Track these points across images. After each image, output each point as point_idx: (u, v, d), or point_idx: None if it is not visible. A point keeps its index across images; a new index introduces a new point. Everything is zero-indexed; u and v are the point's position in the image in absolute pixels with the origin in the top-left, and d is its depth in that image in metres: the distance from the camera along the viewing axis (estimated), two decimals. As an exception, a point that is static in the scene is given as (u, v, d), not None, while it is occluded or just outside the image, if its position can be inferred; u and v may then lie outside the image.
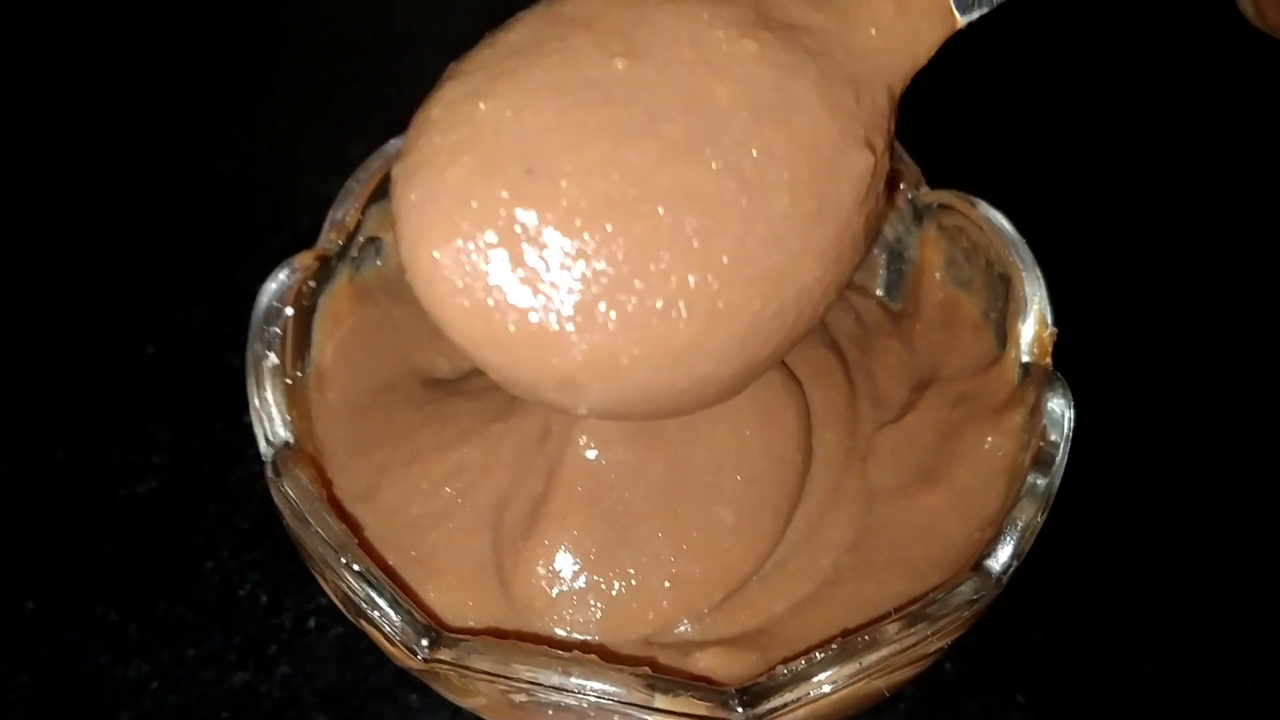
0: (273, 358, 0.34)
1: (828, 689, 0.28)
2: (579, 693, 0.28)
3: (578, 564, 0.32)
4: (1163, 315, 0.53)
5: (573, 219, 0.25)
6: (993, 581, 0.30)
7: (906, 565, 0.33)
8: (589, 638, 0.32)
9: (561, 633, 0.32)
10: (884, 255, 0.42)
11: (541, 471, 0.34)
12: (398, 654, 0.30)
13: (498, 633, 0.32)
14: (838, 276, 0.29)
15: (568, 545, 0.32)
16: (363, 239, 0.39)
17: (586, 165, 0.26)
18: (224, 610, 0.42)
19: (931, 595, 0.30)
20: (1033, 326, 0.35)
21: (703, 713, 0.28)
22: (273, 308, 0.34)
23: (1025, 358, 0.35)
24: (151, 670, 0.40)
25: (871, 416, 0.37)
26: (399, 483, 0.35)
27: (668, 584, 0.32)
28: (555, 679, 0.28)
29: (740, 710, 0.28)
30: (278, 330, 0.34)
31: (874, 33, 0.29)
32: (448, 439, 0.35)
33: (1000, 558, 0.30)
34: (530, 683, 0.28)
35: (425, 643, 0.29)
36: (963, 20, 0.30)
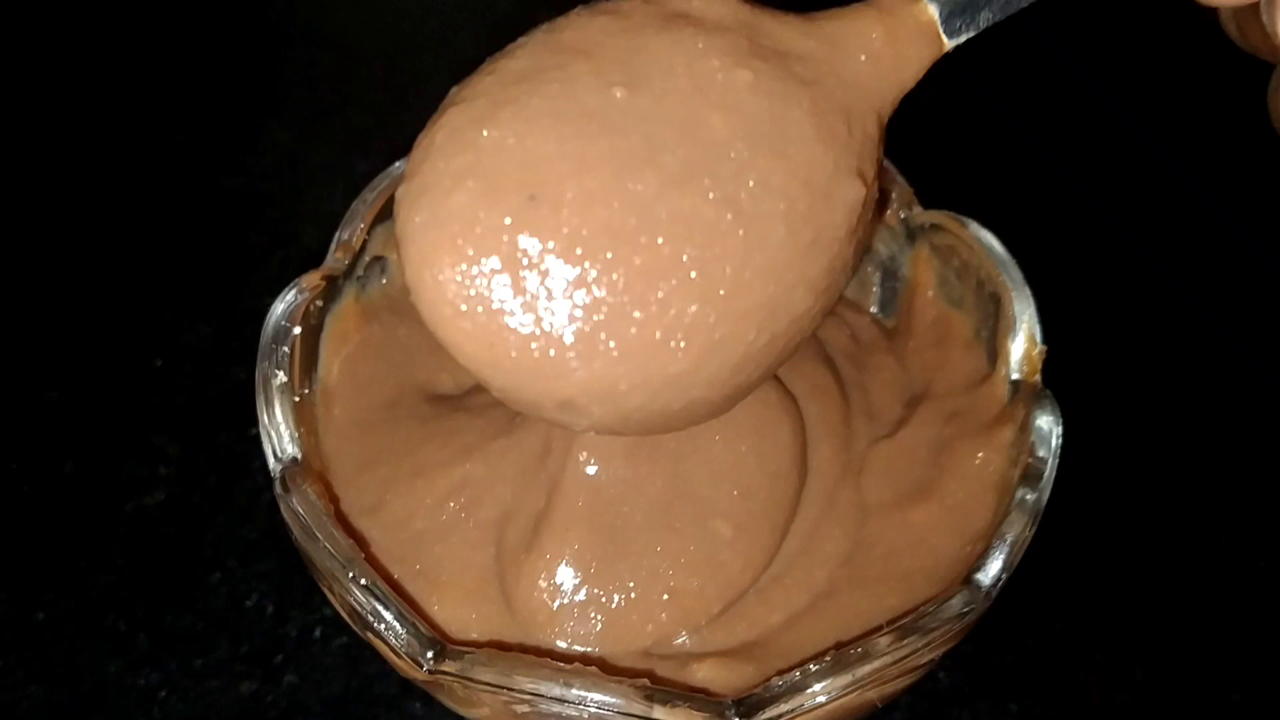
0: (281, 376, 0.34)
1: (822, 699, 0.29)
2: (580, 704, 0.28)
3: (578, 577, 0.33)
4: (1150, 333, 0.53)
5: (574, 247, 0.25)
6: (982, 595, 0.30)
7: (899, 578, 0.34)
8: (589, 649, 0.32)
9: (563, 644, 0.33)
10: (878, 273, 0.43)
11: (543, 487, 0.34)
12: (403, 665, 0.30)
13: (500, 645, 0.32)
14: (826, 304, 0.29)
15: (569, 559, 0.33)
16: (368, 258, 0.39)
17: (588, 194, 0.26)
18: (231, 620, 0.42)
19: (923, 608, 0.30)
20: (1022, 344, 0.36)
21: (700, 723, 0.28)
22: (281, 327, 0.34)
23: (1015, 375, 0.36)
24: (160, 679, 0.41)
25: (866, 432, 0.38)
26: (404, 497, 0.35)
27: (666, 597, 0.33)
28: (556, 690, 0.28)
29: (736, 720, 0.28)
30: (286, 349, 0.34)
31: (864, 59, 0.29)
32: (451, 455, 0.35)
33: (990, 571, 0.31)
34: (532, 694, 0.28)
35: (430, 655, 0.29)
36: (950, 44, 0.30)
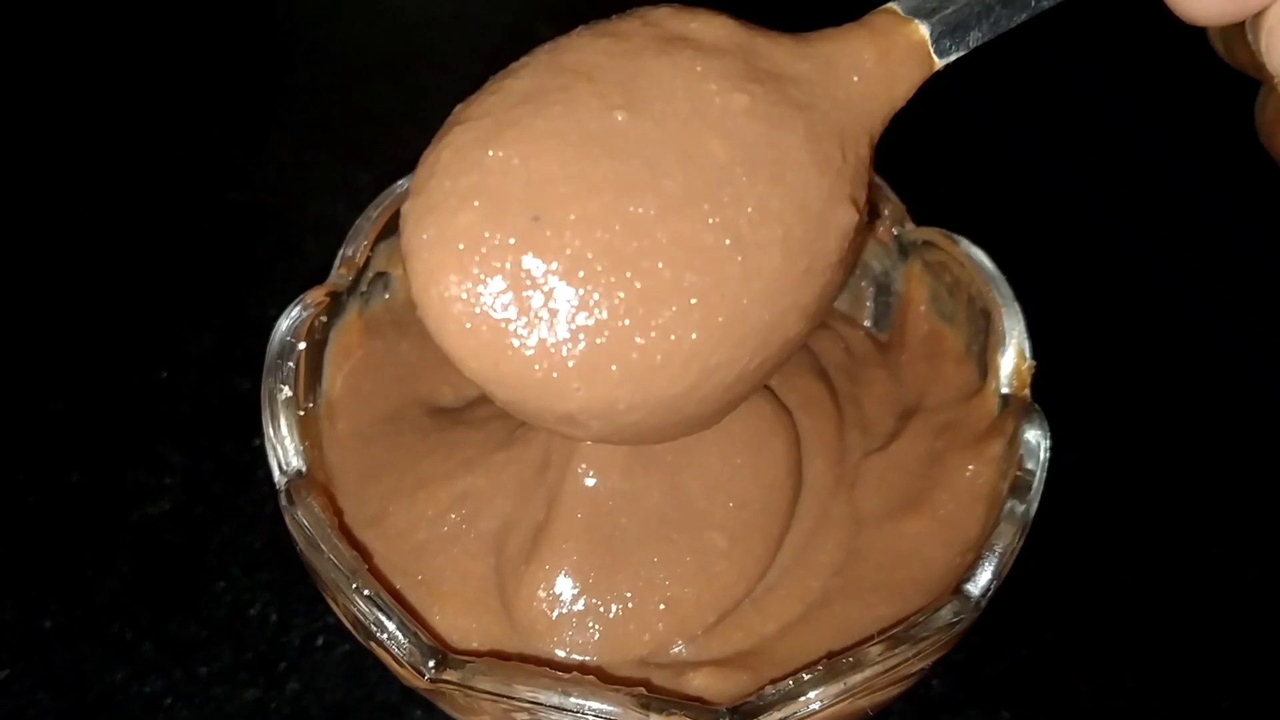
0: (286, 391, 0.34)
1: (816, 707, 0.29)
2: (578, 712, 0.29)
3: (577, 588, 0.33)
4: (1137, 347, 0.54)
5: (577, 269, 0.26)
6: (972, 604, 0.31)
7: (891, 588, 0.34)
8: (587, 658, 0.33)
9: (561, 654, 0.33)
10: (872, 288, 0.43)
11: (542, 499, 0.34)
12: (405, 674, 0.31)
13: (500, 654, 0.33)
14: (814, 326, 0.30)
15: (567, 569, 0.33)
16: (371, 274, 0.39)
17: (590, 216, 0.26)
18: (235, 628, 0.43)
19: (914, 618, 0.30)
20: (1012, 359, 0.36)
21: (695, 731, 0.29)
22: (286, 343, 0.35)
23: (1005, 389, 0.36)
24: (165, 687, 0.41)
25: (859, 444, 0.38)
26: (406, 509, 0.35)
27: (663, 606, 0.33)
28: (555, 699, 0.29)
29: (731, 728, 0.29)
30: (291, 364, 0.35)
31: (856, 79, 0.29)
32: (452, 467, 0.36)
33: (980, 581, 0.31)
34: (531, 702, 0.29)
35: (431, 664, 0.30)
36: (940, 63, 0.30)
